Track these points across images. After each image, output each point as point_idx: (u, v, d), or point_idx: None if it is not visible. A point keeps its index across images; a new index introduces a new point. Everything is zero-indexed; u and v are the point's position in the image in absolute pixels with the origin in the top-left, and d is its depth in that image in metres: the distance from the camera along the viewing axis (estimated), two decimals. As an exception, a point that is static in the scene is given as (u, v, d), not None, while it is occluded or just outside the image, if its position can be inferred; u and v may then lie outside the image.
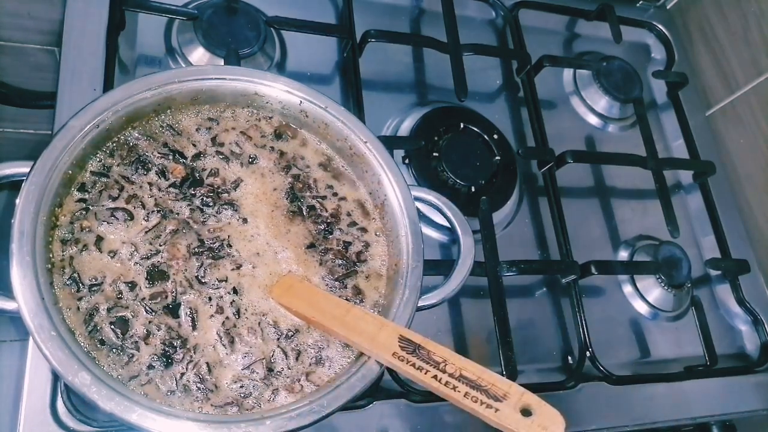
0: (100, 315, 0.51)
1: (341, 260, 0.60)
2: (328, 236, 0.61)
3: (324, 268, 0.59)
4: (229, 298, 0.55)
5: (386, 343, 0.50)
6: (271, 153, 0.63)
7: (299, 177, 0.63)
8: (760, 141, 0.93)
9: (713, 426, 0.79)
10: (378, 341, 0.51)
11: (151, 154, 0.58)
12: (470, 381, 0.47)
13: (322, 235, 0.61)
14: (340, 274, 0.59)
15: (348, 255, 0.60)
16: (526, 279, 0.79)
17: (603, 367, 0.74)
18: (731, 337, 0.88)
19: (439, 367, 0.48)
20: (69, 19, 0.70)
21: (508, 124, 0.89)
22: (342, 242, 0.61)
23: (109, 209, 0.55)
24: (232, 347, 0.53)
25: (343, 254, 0.60)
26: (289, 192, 0.61)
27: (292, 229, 0.60)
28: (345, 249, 0.61)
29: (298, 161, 0.64)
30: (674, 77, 1.00)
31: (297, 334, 0.55)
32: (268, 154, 0.63)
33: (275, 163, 0.63)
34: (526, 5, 0.95)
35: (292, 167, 0.63)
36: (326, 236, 0.61)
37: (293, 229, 0.60)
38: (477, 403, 0.46)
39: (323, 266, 0.59)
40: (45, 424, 0.54)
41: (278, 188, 0.61)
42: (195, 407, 0.50)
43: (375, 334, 0.51)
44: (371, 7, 0.89)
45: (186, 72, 0.60)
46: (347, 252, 0.61)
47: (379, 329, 0.51)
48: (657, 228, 0.89)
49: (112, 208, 0.55)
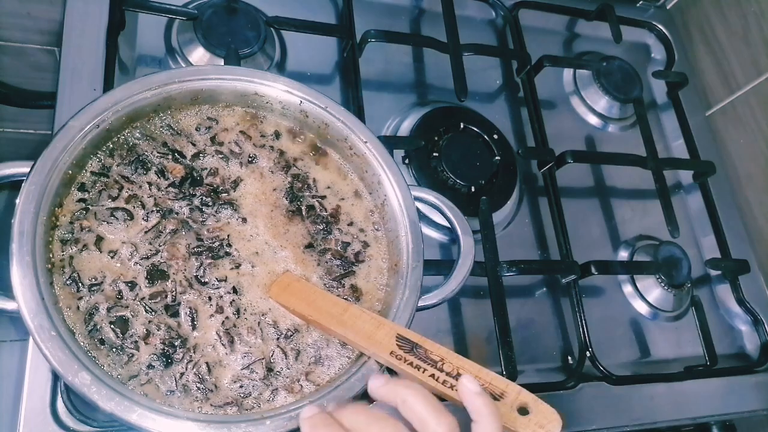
0: (100, 315, 0.51)
1: (339, 260, 0.60)
2: (327, 236, 0.61)
3: (321, 267, 0.59)
4: (228, 297, 0.55)
5: (384, 342, 0.50)
6: (270, 152, 0.63)
7: (299, 176, 0.63)
8: (760, 141, 0.93)
9: (713, 426, 0.79)
10: (375, 340, 0.51)
11: (150, 153, 0.58)
12: None
13: (320, 235, 0.61)
14: (337, 274, 0.59)
15: (346, 255, 0.60)
16: (526, 279, 0.79)
17: (603, 367, 0.74)
18: (731, 337, 0.88)
19: (436, 366, 0.47)
20: (69, 19, 0.70)
21: (508, 124, 0.89)
22: (341, 242, 0.61)
23: (109, 209, 0.55)
24: (232, 347, 0.53)
25: (341, 254, 0.60)
26: (288, 192, 0.61)
27: (291, 229, 0.60)
28: (344, 249, 0.61)
29: (299, 162, 0.64)
30: (674, 77, 1.00)
31: (296, 334, 0.55)
32: (268, 154, 0.63)
33: (275, 163, 0.63)
34: (526, 5, 0.95)
35: (291, 167, 0.63)
36: (325, 236, 0.61)
37: (292, 228, 0.60)
38: None
39: (321, 266, 0.59)
40: (45, 424, 0.54)
41: (278, 188, 0.61)
42: (195, 407, 0.50)
43: (372, 333, 0.51)
44: (371, 7, 0.89)
45: (186, 72, 0.60)
46: (345, 252, 0.61)
47: (377, 328, 0.51)
48: (657, 228, 0.89)
49: (112, 207, 0.55)
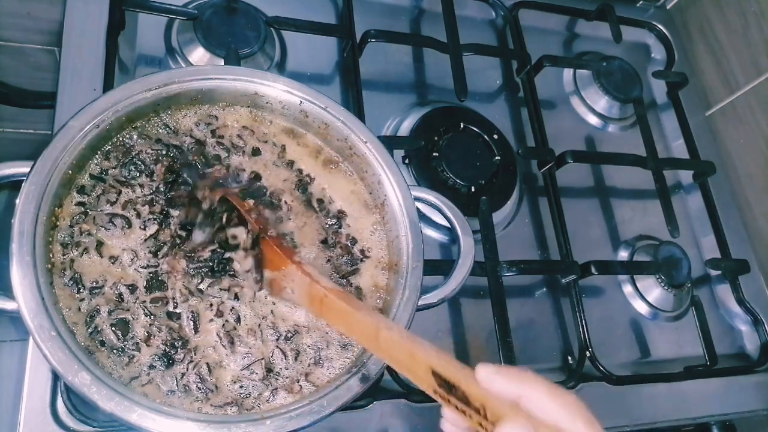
0: (101, 316, 0.51)
1: (347, 256, 0.60)
2: (338, 230, 0.61)
3: (330, 265, 0.59)
4: (230, 303, 0.55)
5: (425, 378, 0.42)
6: (274, 147, 0.63)
7: (303, 171, 0.63)
8: (760, 141, 0.93)
9: (713, 426, 0.79)
10: (418, 375, 0.43)
11: (147, 155, 0.58)
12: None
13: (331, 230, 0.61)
14: (345, 272, 0.59)
15: (353, 252, 0.60)
16: (526, 279, 0.79)
17: (603, 367, 0.74)
18: (731, 337, 0.88)
19: (480, 413, 0.39)
20: (69, 19, 0.70)
21: (508, 124, 0.89)
22: (339, 242, 0.61)
23: (108, 214, 0.54)
24: (233, 348, 0.53)
25: (350, 250, 0.60)
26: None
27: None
28: (351, 245, 0.61)
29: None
30: (674, 77, 0.99)
31: (296, 335, 0.55)
32: (271, 148, 0.63)
33: (278, 156, 0.63)
34: (526, 5, 0.95)
35: (296, 161, 0.63)
36: (337, 230, 0.61)
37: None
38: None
39: (330, 263, 0.59)
40: (45, 424, 0.54)
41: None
42: (195, 407, 0.50)
43: (410, 366, 0.44)
44: (371, 7, 0.89)
45: (186, 72, 0.60)
46: (353, 248, 0.61)
47: (411, 359, 0.44)
48: (657, 228, 0.89)
49: (111, 213, 0.54)
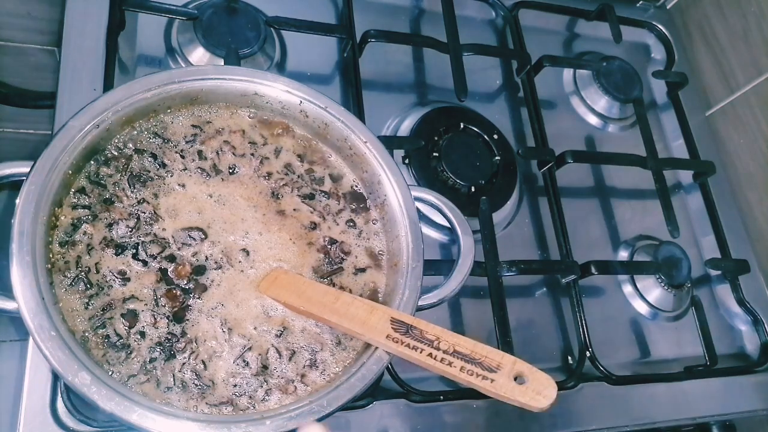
0: (102, 316, 0.51)
1: (331, 257, 0.59)
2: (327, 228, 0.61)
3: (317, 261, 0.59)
4: (227, 306, 0.55)
5: (378, 327, 0.51)
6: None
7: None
8: (760, 141, 0.93)
9: (713, 426, 0.79)
10: (370, 325, 0.51)
11: (145, 156, 0.58)
12: (464, 355, 0.47)
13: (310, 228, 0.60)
14: (327, 271, 0.59)
15: (345, 250, 0.60)
16: (526, 279, 0.79)
17: (603, 367, 0.74)
18: (731, 337, 0.88)
19: (433, 345, 0.48)
20: (69, 19, 0.70)
21: (508, 124, 0.89)
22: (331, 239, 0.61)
23: (107, 218, 0.54)
24: (229, 341, 0.53)
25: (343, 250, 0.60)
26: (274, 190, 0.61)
27: (286, 223, 0.59)
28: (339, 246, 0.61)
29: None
30: (674, 77, 1.00)
31: (285, 330, 0.55)
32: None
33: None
34: (526, 5, 0.95)
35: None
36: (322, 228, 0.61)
37: (287, 222, 0.60)
38: (473, 376, 0.46)
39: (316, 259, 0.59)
40: (45, 424, 0.54)
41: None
42: (191, 405, 0.50)
43: (366, 319, 0.51)
44: (371, 7, 0.89)
45: (186, 72, 0.60)
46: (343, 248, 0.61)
47: (370, 313, 0.52)
48: (657, 228, 0.89)
49: (110, 217, 0.54)
